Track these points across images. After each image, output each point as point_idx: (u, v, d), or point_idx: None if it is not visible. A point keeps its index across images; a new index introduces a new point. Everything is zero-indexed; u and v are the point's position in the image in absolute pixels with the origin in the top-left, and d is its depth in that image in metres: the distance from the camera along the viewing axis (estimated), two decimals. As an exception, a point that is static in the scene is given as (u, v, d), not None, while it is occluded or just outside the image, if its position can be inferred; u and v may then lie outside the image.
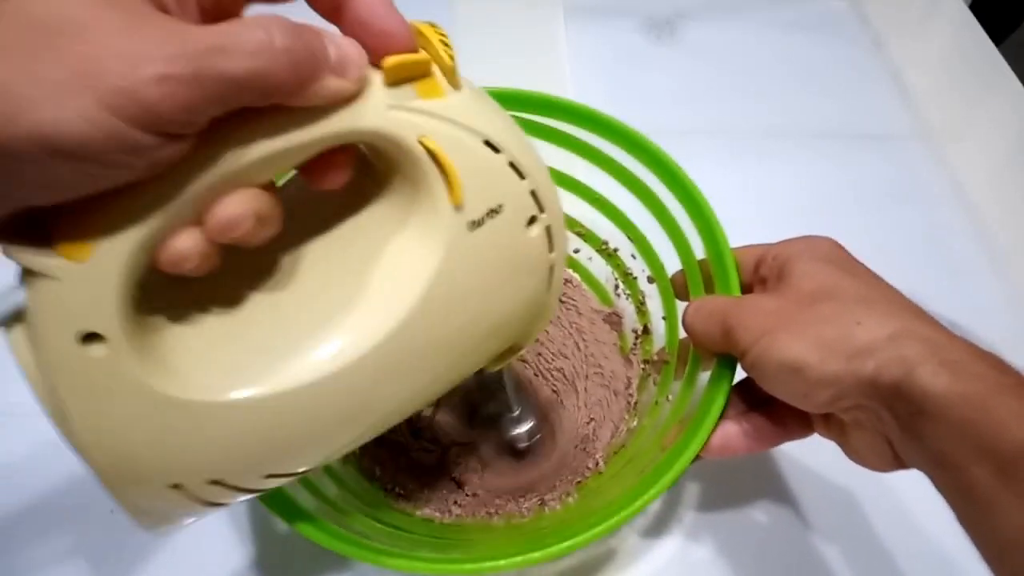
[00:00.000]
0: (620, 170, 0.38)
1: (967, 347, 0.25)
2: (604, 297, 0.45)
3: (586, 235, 0.44)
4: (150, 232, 0.19)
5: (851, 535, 0.38)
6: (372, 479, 0.39)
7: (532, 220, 0.25)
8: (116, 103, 0.16)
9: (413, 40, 0.22)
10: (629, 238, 0.41)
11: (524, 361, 0.44)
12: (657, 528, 0.39)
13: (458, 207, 0.23)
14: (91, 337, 0.20)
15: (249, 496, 0.26)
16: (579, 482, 0.39)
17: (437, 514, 0.38)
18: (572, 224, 0.44)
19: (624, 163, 0.37)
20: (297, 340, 0.24)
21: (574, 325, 0.45)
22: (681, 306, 0.36)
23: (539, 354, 0.44)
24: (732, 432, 0.31)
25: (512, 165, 0.24)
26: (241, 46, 0.18)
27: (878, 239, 0.42)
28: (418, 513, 0.38)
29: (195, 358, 0.23)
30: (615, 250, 0.43)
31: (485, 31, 0.64)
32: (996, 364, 0.25)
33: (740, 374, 0.31)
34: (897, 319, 0.26)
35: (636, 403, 0.41)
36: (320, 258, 0.25)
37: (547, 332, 0.44)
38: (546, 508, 0.37)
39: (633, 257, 0.42)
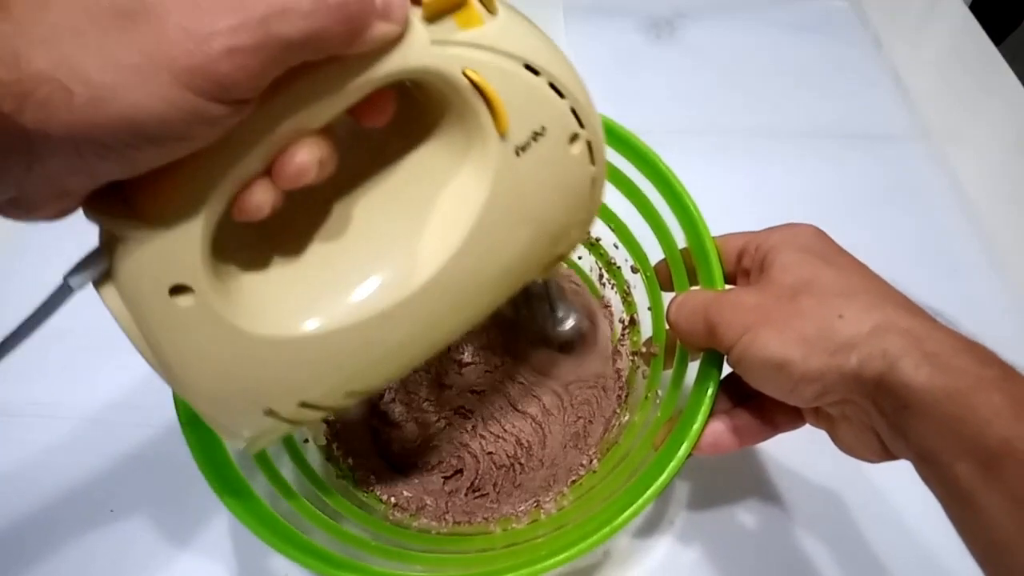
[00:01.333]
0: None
1: (949, 337, 0.25)
2: (593, 289, 0.45)
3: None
4: (224, 189, 0.21)
5: (841, 534, 0.38)
6: (368, 489, 0.39)
7: (574, 138, 0.26)
8: (191, 80, 0.17)
9: None
10: (611, 228, 0.41)
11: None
12: (649, 528, 0.39)
13: (504, 135, 0.24)
14: (179, 289, 0.22)
15: (335, 412, 0.28)
16: (573, 481, 0.39)
17: (434, 523, 0.38)
18: None
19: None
20: (361, 274, 0.25)
21: None
22: (667, 297, 0.36)
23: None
24: (721, 429, 0.31)
25: (552, 85, 0.24)
26: (297, 7, 0.18)
27: (877, 239, 0.42)
28: (415, 524, 0.37)
29: (272, 297, 0.25)
30: (597, 240, 0.43)
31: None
32: (978, 356, 0.24)
33: (726, 369, 0.31)
34: (879, 311, 0.26)
35: (627, 396, 0.41)
36: (375, 195, 0.26)
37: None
38: (542, 512, 0.37)
39: (616, 247, 0.42)
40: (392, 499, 0.38)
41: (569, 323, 0.42)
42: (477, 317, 0.29)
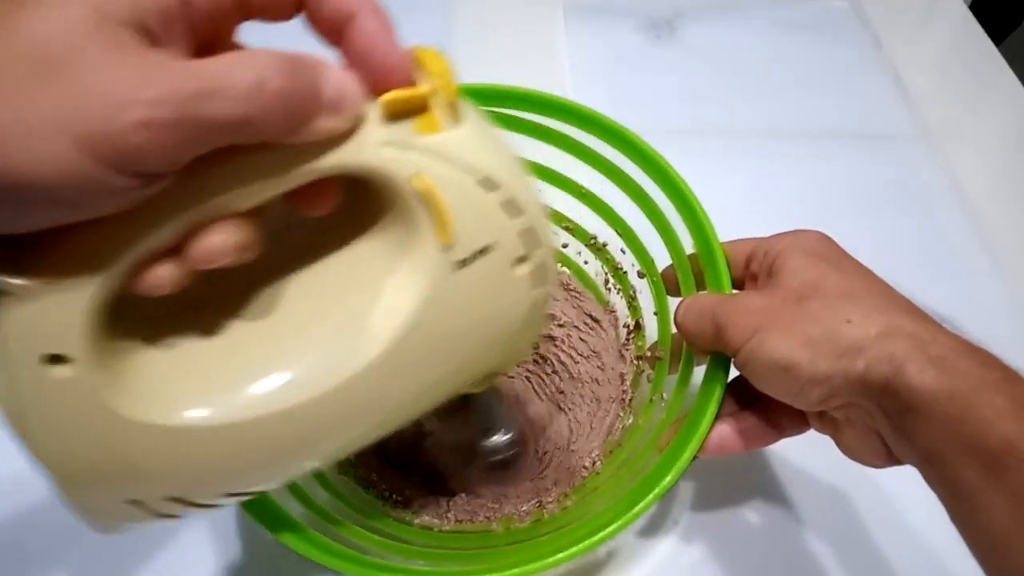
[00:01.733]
0: (608, 165, 0.38)
1: (953, 342, 0.25)
2: (598, 294, 0.45)
3: (574, 230, 0.44)
4: (125, 259, 0.19)
5: (844, 534, 0.38)
6: (368, 487, 0.39)
7: (522, 259, 0.25)
8: (95, 147, 0.16)
9: (412, 74, 0.21)
10: (618, 233, 0.41)
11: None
12: (652, 528, 0.39)
13: (447, 246, 0.23)
14: (56, 358, 0.20)
15: (207, 510, 0.26)
16: (576, 482, 0.38)
17: (436, 521, 0.38)
18: (560, 219, 0.44)
19: (612, 159, 0.37)
20: (261, 370, 0.23)
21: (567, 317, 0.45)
22: (673, 301, 0.36)
23: (535, 350, 0.43)
24: (727, 431, 0.31)
25: (507, 203, 0.23)
26: (231, 89, 0.17)
27: (878, 239, 0.42)
28: (416, 521, 0.37)
29: (161, 381, 0.23)
30: (604, 244, 0.43)
31: (485, 30, 0.64)
32: (982, 359, 0.25)
33: (733, 372, 0.31)
34: (885, 315, 0.26)
35: (631, 400, 0.41)
36: (298, 288, 0.24)
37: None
38: (545, 512, 0.37)
39: (623, 252, 0.42)
40: (394, 496, 0.38)
41: (504, 439, 0.40)
42: (390, 426, 0.27)
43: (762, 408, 0.31)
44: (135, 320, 0.22)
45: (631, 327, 0.43)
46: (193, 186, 0.19)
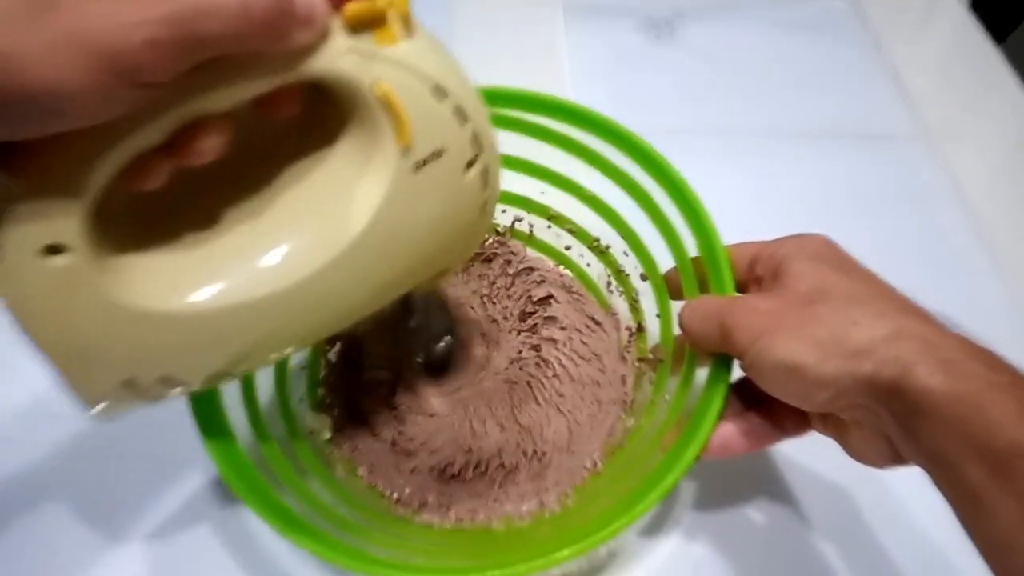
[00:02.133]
0: (611, 168, 0.38)
1: (961, 344, 0.25)
2: (600, 297, 0.45)
3: (577, 232, 0.44)
4: (117, 157, 0.21)
5: (848, 533, 0.38)
6: (371, 483, 0.39)
7: (471, 163, 0.27)
8: (105, 62, 0.18)
9: None
10: (621, 236, 0.41)
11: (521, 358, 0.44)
12: (655, 528, 0.39)
13: (406, 148, 0.25)
14: (54, 249, 0.22)
15: (193, 390, 0.29)
16: (577, 483, 0.38)
17: (436, 519, 0.38)
18: (563, 221, 0.44)
19: (615, 161, 0.37)
20: (245, 258, 0.26)
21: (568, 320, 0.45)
22: (676, 304, 0.36)
23: (537, 352, 0.44)
24: (731, 432, 0.31)
25: (457, 110, 0.26)
26: (222, 10, 0.19)
27: (878, 239, 0.42)
28: (417, 520, 0.38)
29: (152, 270, 0.25)
30: (607, 247, 0.43)
31: (485, 31, 0.64)
32: (989, 362, 0.25)
33: (737, 373, 0.31)
34: (892, 317, 0.27)
35: (632, 402, 0.41)
36: (276, 186, 0.27)
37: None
38: (546, 511, 0.37)
39: (625, 254, 0.42)
40: (394, 495, 0.39)
41: (443, 340, 0.41)
42: (352, 318, 0.30)
43: (766, 410, 0.32)
44: (125, 217, 0.24)
45: (633, 330, 0.43)
46: (182, 90, 0.21)
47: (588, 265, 0.45)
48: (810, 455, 0.40)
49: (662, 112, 0.59)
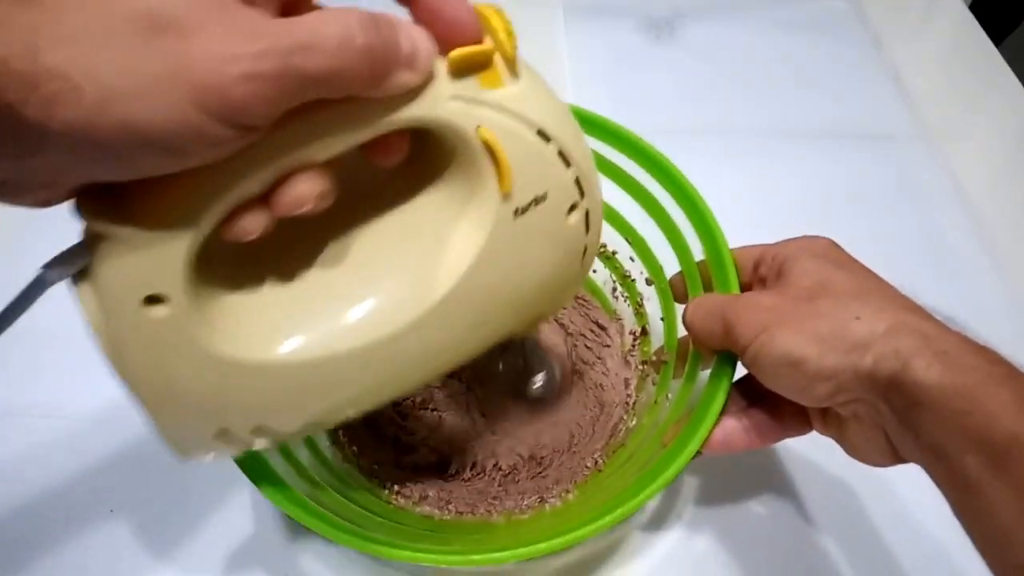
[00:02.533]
0: (619, 173, 0.38)
1: (959, 339, 0.26)
2: (605, 303, 0.45)
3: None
4: (218, 207, 0.21)
5: (849, 528, 0.38)
6: (371, 476, 0.39)
7: (572, 207, 0.27)
8: (203, 99, 0.17)
9: (479, 29, 0.22)
10: (628, 241, 0.41)
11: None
12: (657, 523, 0.39)
13: (507, 195, 0.25)
14: (155, 299, 0.22)
15: (286, 438, 0.28)
16: (578, 480, 0.39)
17: (436, 511, 0.38)
18: None
19: (623, 166, 0.37)
20: (341, 308, 0.25)
21: (574, 325, 0.45)
22: (680, 307, 0.36)
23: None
24: (732, 428, 0.31)
25: (560, 153, 0.25)
26: (324, 44, 0.18)
27: (878, 239, 0.42)
28: (417, 510, 0.38)
29: (248, 320, 0.24)
30: (613, 253, 0.43)
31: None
32: (987, 355, 0.25)
33: (740, 371, 0.31)
34: (892, 312, 0.27)
35: (635, 403, 0.41)
36: (370, 236, 0.26)
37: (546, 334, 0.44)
38: (546, 506, 0.37)
39: (632, 260, 0.42)
40: (395, 487, 0.39)
41: (539, 381, 0.41)
42: (449, 366, 0.29)
43: (768, 407, 0.32)
44: (223, 267, 0.24)
45: (637, 333, 0.43)
46: (281, 138, 0.20)
47: (594, 271, 0.45)
48: (811, 451, 0.40)
49: (662, 112, 0.59)
